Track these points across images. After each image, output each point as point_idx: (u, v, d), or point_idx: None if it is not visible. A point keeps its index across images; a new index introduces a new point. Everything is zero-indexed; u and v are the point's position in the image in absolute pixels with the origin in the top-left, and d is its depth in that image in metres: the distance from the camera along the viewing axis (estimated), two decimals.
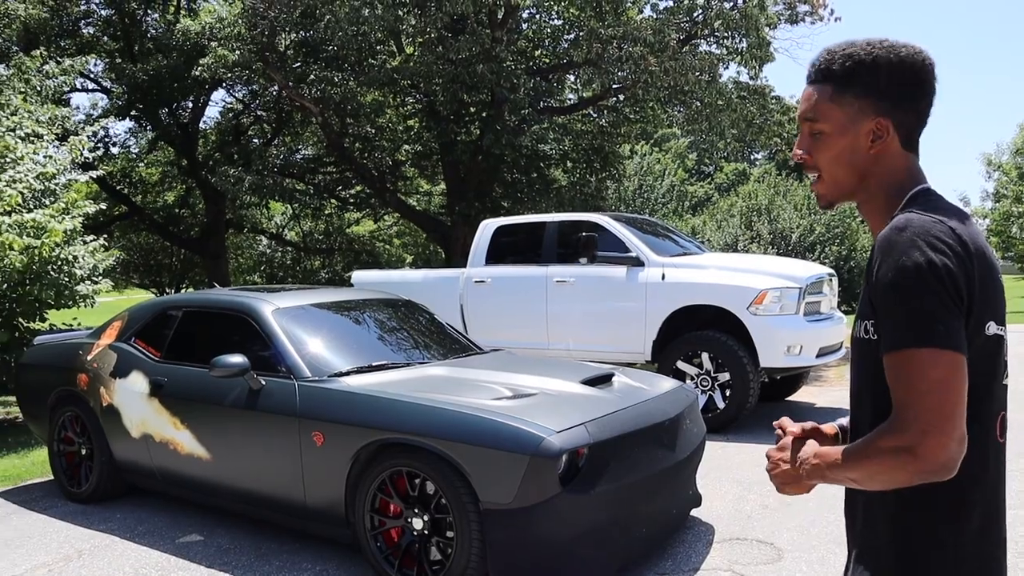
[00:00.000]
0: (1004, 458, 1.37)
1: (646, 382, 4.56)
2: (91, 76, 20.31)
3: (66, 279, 7.55)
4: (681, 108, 16.08)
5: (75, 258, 7.65)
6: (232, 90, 20.60)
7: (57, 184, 8.22)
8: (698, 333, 7.03)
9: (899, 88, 1.39)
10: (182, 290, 26.30)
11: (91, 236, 8.62)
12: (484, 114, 15.80)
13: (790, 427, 1.55)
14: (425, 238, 25.06)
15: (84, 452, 5.33)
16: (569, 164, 18.60)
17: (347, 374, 4.23)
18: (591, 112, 17.80)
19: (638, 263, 7.36)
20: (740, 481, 5.41)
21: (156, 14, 20.12)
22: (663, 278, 7.20)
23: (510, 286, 8.08)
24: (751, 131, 15.65)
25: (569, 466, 3.43)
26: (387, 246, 28.61)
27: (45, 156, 8.35)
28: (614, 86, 14.93)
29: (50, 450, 5.60)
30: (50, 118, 9.79)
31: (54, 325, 8.23)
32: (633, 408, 3.95)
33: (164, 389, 4.75)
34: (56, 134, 9.48)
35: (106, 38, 19.68)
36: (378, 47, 15.89)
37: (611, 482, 3.54)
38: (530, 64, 16.15)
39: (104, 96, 20.68)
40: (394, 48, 16.10)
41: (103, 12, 19.41)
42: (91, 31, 19.54)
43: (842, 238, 23.01)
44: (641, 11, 15.78)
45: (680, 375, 7.01)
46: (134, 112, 19.41)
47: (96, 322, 6.69)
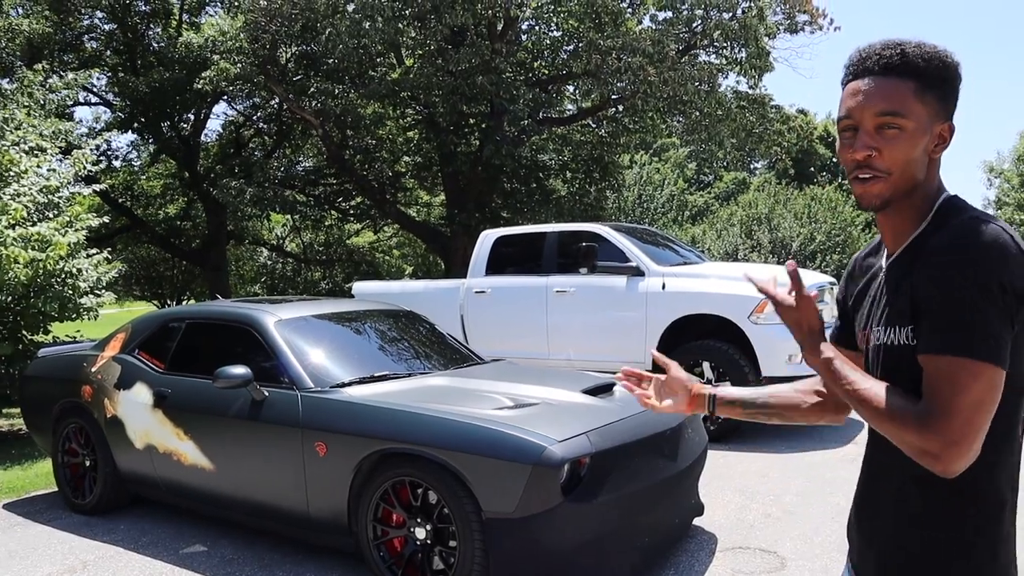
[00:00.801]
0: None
1: None
2: (93, 90, 20.41)
3: (70, 292, 7.59)
4: (680, 118, 16.15)
5: (79, 271, 7.69)
6: (233, 103, 20.70)
7: (60, 197, 8.27)
8: (699, 342, 7.05)
9: (956, 95, 1.39)
10: (183, 302, 26.32)
11: (94, 249, 8.67)
12: (483, 125, 15.87)
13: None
14: (425, 249, 25.11)
15: (88, 463, 5.35)
16: (568, 174, 18.67)
17: (349, 384, 4.25)
18: (590, 122, 17.88)
19: (638, 273, 7.39)
20: (742, 490, 5.42)
21: (159, 28, 20.23)
22: (663, 287, 7.23)
23: (510, 296, 8.11)
24: (751, 140, 15.72)
25: (571, 476, 3.45)
26: (387, 257, 28.67)
27: (48, 170, 8.40)
28: (613, 96, 15.00)
29: (54, 462, 5.62)
30: (53, 132, 9.86)
31: (57, 337, 8.27)
32: (635, 417, 3.97)
33: (168, 400, 4.77)
34: (59, 148, 9.54)
35: (109, 52, 19.79)
36: (378, 59, 15.99)
37: (613, 491, 3.56)
38: (529, 75, 16.24)
39: (107, 109, 20.78)
40: (394, 60, 16.20)
41: (106, 27, 19.53)
42: (94, 45, 19.65)
43: (843, 246, 23.03)
44: (640, 22, 15.86)
45: None
46: (136, 125, 19.51)
47: (98, 335, 6.72)
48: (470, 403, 3.90)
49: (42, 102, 10.94)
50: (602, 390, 4.37)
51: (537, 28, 16.47)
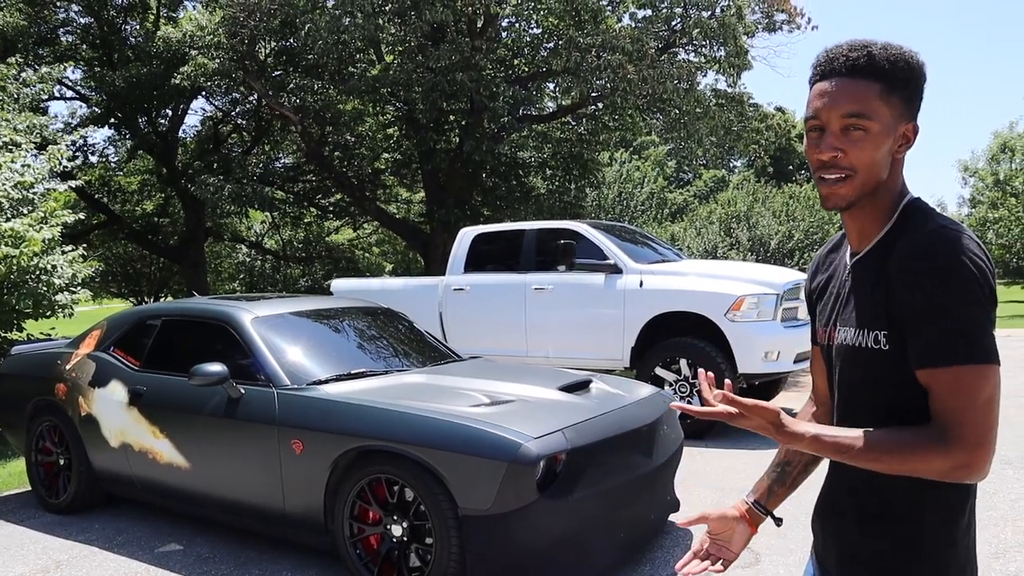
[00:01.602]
0: None
1: (624, 388, 4.61)
2: (69, 84, 20.18)
3: (44, 289, 7.52)
4: (660, 116, 16.21)
5: (54, 267, 7.61)
6: (212, 99, 20.54)
7: (35, 193, 8.18)
8: (676, 340, 7.10)
9: (920, 94, 1.41)
10: (161, 299, 26.11)
11: (70, 246, 8.59)
12: (463, 122, 15.85)
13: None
14: (405, 246, 25.07)
15: (62, 462, 5.30)
16: (548, 172, 18.69)
17: (326, 382, 4.25)
18: (570, 120, 17.90)
19: (616, 270, 7.43)
20: (718, 487, 5.47)
21: (135, 22, 20.03)
22: (641, 285, 7.26)
23: (489, 294, 8.12)
24: (729, 138, 15.81)
25: (547, 472, 3.47)
26: (366, 254, 28.57)
27: (23, 165, 8.30)
28: (593, 94, 15.02)
29: (28, 460, 5.57)
30: (28, 126, 9.75)
31: (32, 335, 8.18)
32: (611, 414, 3.99)
33: (143, 398, 4.74)
34: (34, 142, 9.43)
35: (85, 46, 19.57)
36: (358, 56, 15.93)
37: (589, 488, 3.58)
38: (509, 72, 16.24)
39: (82, 104, 20.56)
40: (374, 57, 16.14)
41: (81, 20, 19.31)
42: (70, 39, 19.43)
43: (821, 244, 23.23)
44: (620, 20, 15.89)
45: (659, 381, 7.07)
46: (113, 120, 19.32)
47: (73, 332, 6.66)
48: (447, 400, 3.91)
49: (16, 96, 10.81)
50: (578, 387, 4.39)
51: (517, 25, 16.47)
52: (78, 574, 4.25)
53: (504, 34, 16.65)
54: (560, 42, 14.64)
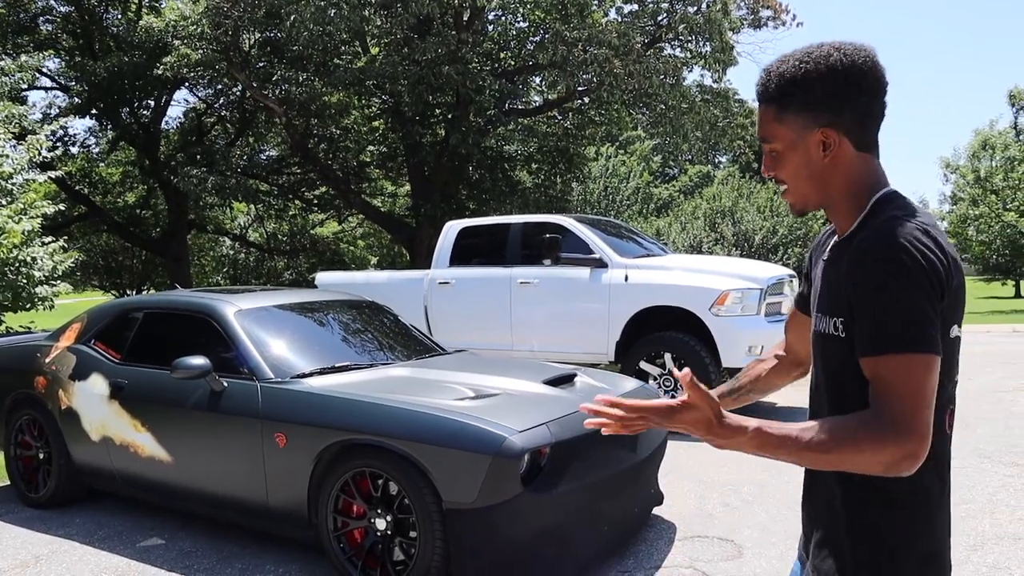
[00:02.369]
0: (950, 448, 1.43)
1: (608, 382, 4.62)
2: (49, 74, 19.94)
3: (24, 281, 7.43)
4: (645, 111, 16.25)
5: (33, 260, 7.53)
6: (195, 89, 20.39)
7: (14, 184, 8.09)
8: (661, 334, 7.12)
9: (835, 96, 1.39)
10: (144, 292, 25.93)
11: (50, 237, 8.49)
12: (450, 115, 15.82)
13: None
14: (390, 239, 24.99)
15: (42, 456, 5.25)
16: (534, 166, 18.69)
17: (310, 375, 4.22)
18: (556, 114, 17.91)
19: (601, 264, 7.43)
20: (702, 480, 5.49)
21: (117, 11, 19.83)
22: (626, 279, 7.27)
23: (474, 287, 8.11)
24: (714, 134, 15.87)
25: (531, 466, 3.47)
26: (352, 247, 28.49)
27: (1, 155, 8.20)
28: (579, 88, 15.03)
29: (6, 454, 5.50)
30: (6, 116, 9.62)
31: (11, 328, 8.09)
32: None
33: (124, 391, 4.70)
34: (13, 133, 9.32)
35: (65, 35, 19.35)
36: (343, 48, 15.84)
37: (573, 481, 3.58)
38: (495, 66, 16.20)
39: (62, 94, 20.33)
40: (359, 49, 16.05)
41: (62, 8, 19.08)
42: (49, 28, 19.20)
43: (804, 240, 23.38)
44: (606, 14, 15.90)
45: (643, 375, 7.09)
46: (94, 111, 19.12)
47: (53, 325, 6.59)
48: (431, 394, 3.89)
49: None
50: (563, 381, 4.39)
51: (504, 19, 16.44)
52: (58, 569, 4.21)
53: (490, 27, 16.61)
54: (546, 36, 14.62)
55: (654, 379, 7.08)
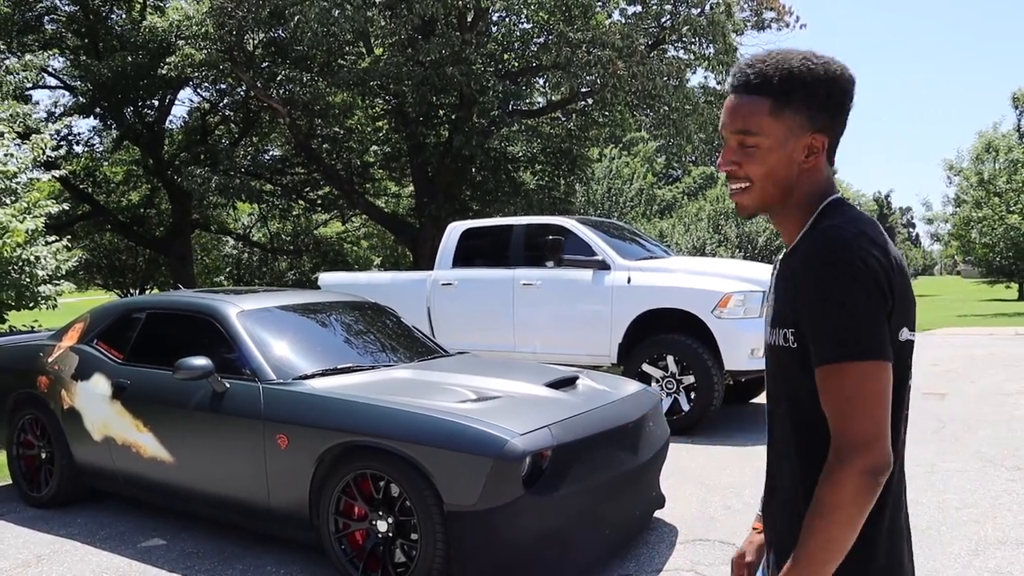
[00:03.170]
0: (903, 457, 1.42)
1: (610, 385, 4.61)
2: (54, 73, 19.98)
3: (27, 280, 7.44)
4: (649, 112, 16.23)
5: (37, 259, 7.54)
6: (199, 89, 20.41)
7: (18, 183, 8.10)
8: (663, 336, 7.11)
9: (832, 102, 1.40)
10: (146, 292, 25.96)
11: (53, 236, 8.51)
12: (453, 116, 15.82)
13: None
14: (393, 240, 25.00)
15: (44, 456, 5.25)
16: (537, 167, 18.69)
17: (312, 377, 4.22)
18: (559, 115, 17.91)
19: (604, 266, 7.42)
20: (703, 483, 5.48)
21: (122, 11, 19.86)
22: (629, 281, 7.26)
23: (477, 289, 8.11)
24: (718, 135, 15.83)
25: (533, 468, 3.46)
26: (355, 248, 28.51)
27: (5, 154, 8.21)
28: (583, 90, 15.03)
29: (9, 454, 5.51)
30: (11, 115, 9.64)
31: (14, 327, 8.11)
32: (597, 411, 3.99)
33: (127, 392, 4.71)
34: (17, 131, 9.33)
35: (70, 35, 19.39)
36: (347, 48, 15.86)
37: (575, 484, 3.58)
38: (499, 67, 16.20)
39: (67, 93, 20.38)
40: (363, 49, 16.07)
41: (67, 8, 19.12)
42: (54, 27, 19.24)
43: None
44: (610, 16, 15.90)
45: (645, 378, 7.08)
46: (98, 110, 19.16)
47: (56, 324, 6.60)
48: (433, 396, 3.89)
49: None
50: (565, 383, 4.39)
51: (507, 20, 16.44)
52: (60, 569, 4.21)
53: (494, 28, 16.62)
54: (550, 37, 14.62)
55: (656, 382, 7.07)
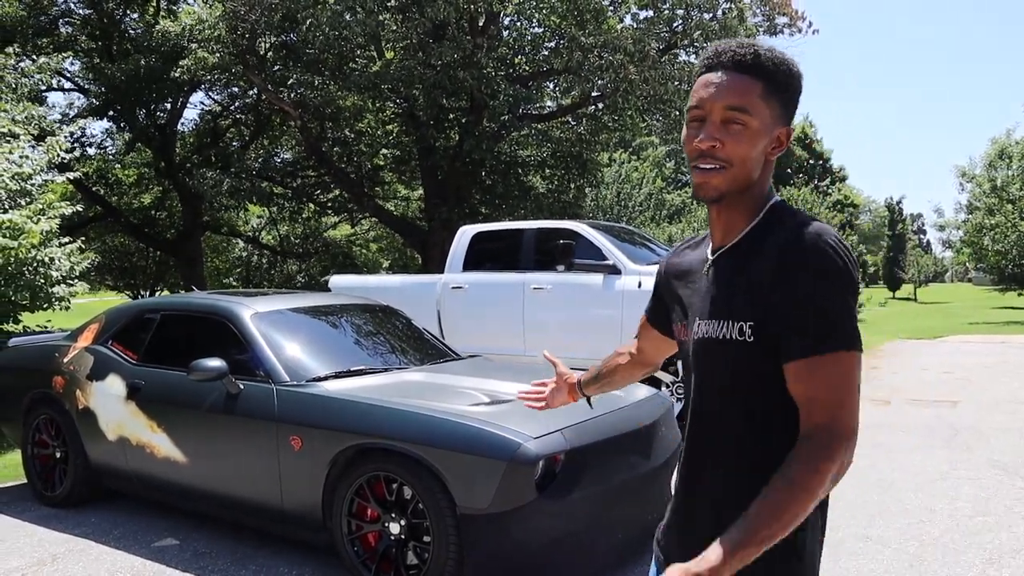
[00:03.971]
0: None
1: (622, 390, 4.61)
2: (68, 75, 20.12)
3: (42, 281, 7.49)
4: (660, 117, 16.23)
5: (51, 260, 7.59)
6: (211, 92, 20.52)
7: (33, 185, 8.15)
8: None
9: (796, 102, 1.44)
10: (157, 293, 26.07)
11: (67, 238, 8.56)
12: (464, 120, 15.85)
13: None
14: (403, 243, 25.04)
15: (59, 455, 5.29)
16: (547, 171, 18.69)
17: (325, 379, 4.24)
18: (570, 119, 17.91)
19: (615, 271, 7.42)
20: None
21: (135, 15, 19.99)
22: (640, 286, 7.26)
23: (487, 292, 8.12)
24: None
25: (546, 472, 3.47)
26: (364, 251, 28.56)
27: (21, 156, 8.27)
28: (593, 94, 15.03)
29: (24, 453, 5.55)
30: (26, 117, 9.71)
31: (28, 327, 8.16)
32: (609, 415, 3.99)
33: (141, 392, 4.73)
34: (32, 133, 9.40)
35: (84, 37, 19.52)
36: (358, 51, 15.90)
37: (587, 488, 3.58)
38: (510, 71, 16.22)
39: (81, 96, 20.51)
40: (374, 53, 16.12)
41: (81, 11, 19.25)
42: (69, 30, 19.37)
43: None
44: (622, 20, 15.91)
45: (656, 383, 7.07)
46: (111, 113, 19.28)
47: (70, 325, 6.65)
48: (446, 399, 3.91)
49: (14, 86, 10.77)
50: None
51: (519, 24, 16.47)
52: (74, 568, 4.24)
53: (506, 32, 16.64)
54: (562, 41, 14.65)
55: (666, 386, 7.07)
